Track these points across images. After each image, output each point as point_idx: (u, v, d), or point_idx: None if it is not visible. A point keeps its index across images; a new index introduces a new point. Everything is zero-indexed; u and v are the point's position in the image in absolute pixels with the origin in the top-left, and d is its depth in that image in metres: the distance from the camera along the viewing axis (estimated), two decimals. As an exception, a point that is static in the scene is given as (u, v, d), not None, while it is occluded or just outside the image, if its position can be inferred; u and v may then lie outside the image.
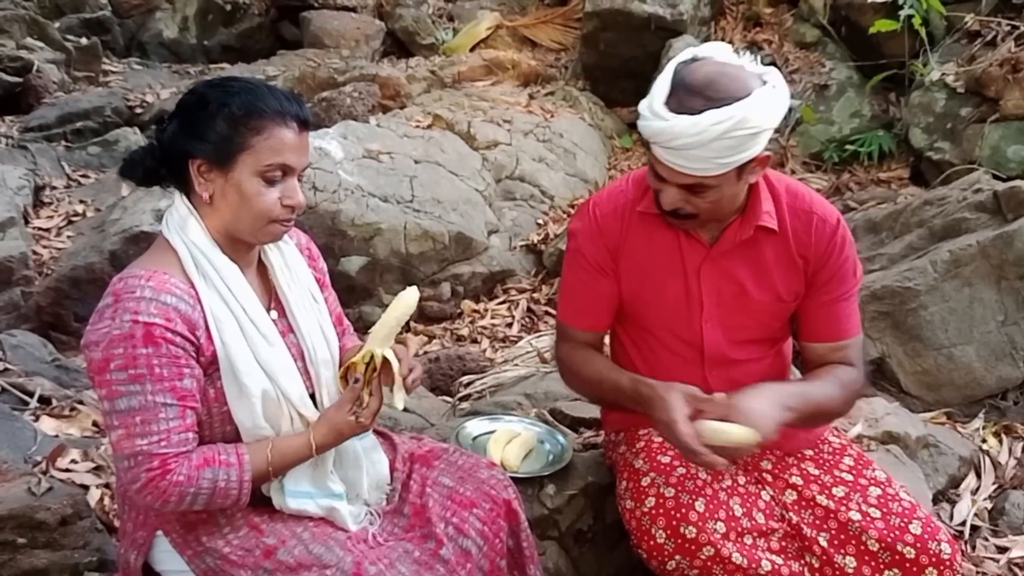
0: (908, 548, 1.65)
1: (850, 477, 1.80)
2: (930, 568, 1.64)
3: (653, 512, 1.71)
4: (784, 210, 1.80)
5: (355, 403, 1.58)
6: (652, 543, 1.70)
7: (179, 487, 1.44)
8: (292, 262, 1.70)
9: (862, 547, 1.68)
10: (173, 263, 1.52)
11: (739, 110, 1.56)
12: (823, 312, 1.83)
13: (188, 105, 1.54)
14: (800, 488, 1.79)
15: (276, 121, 1.50)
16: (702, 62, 1.65)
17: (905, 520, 1.68)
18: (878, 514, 1.70)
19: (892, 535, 1.67)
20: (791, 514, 1.75)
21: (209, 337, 1.50)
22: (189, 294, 1.49)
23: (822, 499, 1.75)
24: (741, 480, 1.81)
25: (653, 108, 1.63)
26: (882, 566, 1.66)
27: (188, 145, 1.51)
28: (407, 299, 1.63)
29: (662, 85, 1.65)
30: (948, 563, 1.64)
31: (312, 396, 1.65)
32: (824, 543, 1.70)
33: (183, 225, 1.54)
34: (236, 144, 1.49)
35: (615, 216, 1.86)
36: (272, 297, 1.66)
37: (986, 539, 2.46)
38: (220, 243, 1.56)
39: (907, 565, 1.65)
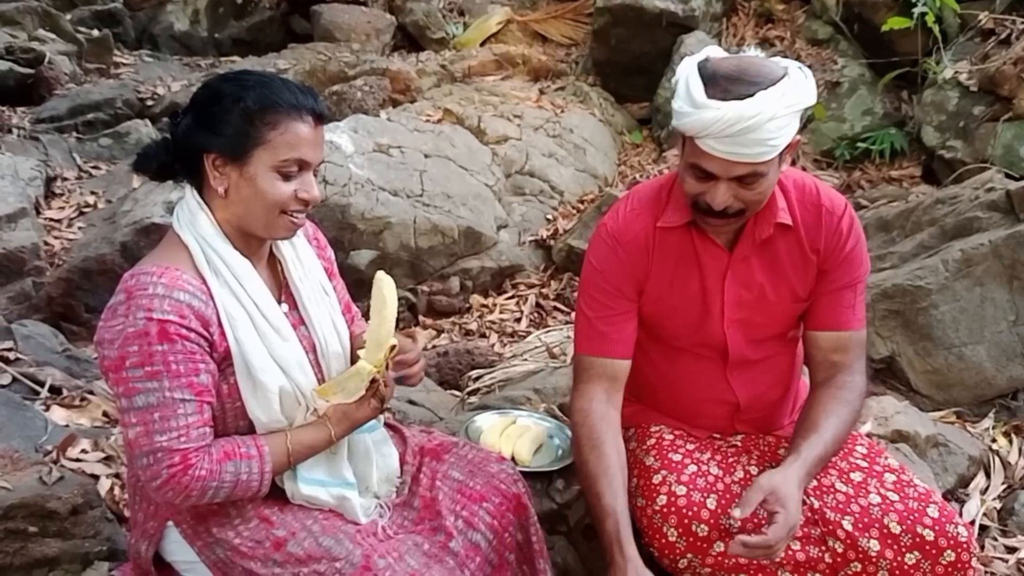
0: (927, 531, 1.66)
1: (865, 464, 1.80)
2: (948, 551, 1.65)
3: (665, 510, 1.71)
4: (794, 205, 1.79)
5: (375, 397, 1.60)
6: (664, 541, 1.70)
7: (201, 481, 1.45)
8: (304, 255, 1.70)
9: (885, 530, 1.68)
10: (184, 259, 1.51)
11: (785, 88, 1.57)
12: (828, 299, 1.82)
13: (202, 99, 1.53)
14: (819, 475, 1.77)
15: (292, 115, 1.50)
16: (719, 58, 1.65)
17: (922, 504, 1.69)
18: (896, 498, 1.71)
19: (912, 517, 1.67)
20: (812, 499, 1.74)
21: (222, 333, 1.50)
22: (201, 290, 1.49)
23: (841, 485, 1.76)
24: (754, 471, 1.80)
25: (696, 102, 1.58)
26: (904, 549, 1.66)
27: (203, 139, 1.50)
28: (388, 282, 1.63)
29: (693, 81, 1.60)
30: (965, 545, 1.65)
31: (322, 388, 1.65)
32: (848, 527, 1.69)
33: (193, 220, 1.54)
34: (252, 139, 1.48)
35: (638, 242, 1.81)
36: (283, 290, 1.66)
37: (995, 539, 2.44)
38: (231, 237, 1.55)
39: (927, 548, 1.65)
